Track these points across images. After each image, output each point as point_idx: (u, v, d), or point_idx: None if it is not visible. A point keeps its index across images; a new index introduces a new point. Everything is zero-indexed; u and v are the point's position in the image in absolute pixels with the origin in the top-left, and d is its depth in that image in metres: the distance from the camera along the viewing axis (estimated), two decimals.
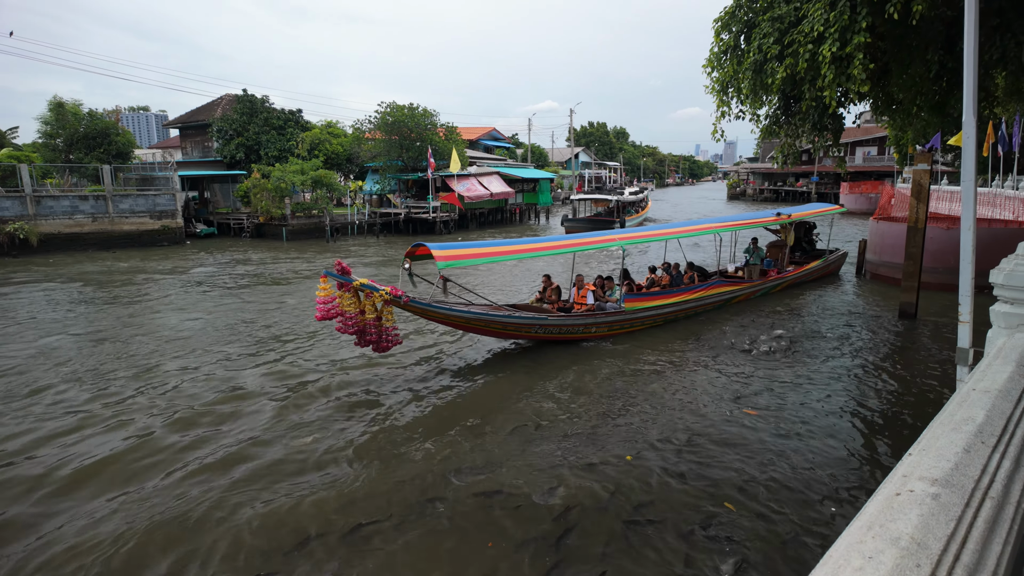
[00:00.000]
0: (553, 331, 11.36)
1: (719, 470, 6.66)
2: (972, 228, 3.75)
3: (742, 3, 9.27)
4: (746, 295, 15.18)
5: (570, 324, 11.48)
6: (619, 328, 12.22)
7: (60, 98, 31.70)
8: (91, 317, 14.44)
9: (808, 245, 19.92)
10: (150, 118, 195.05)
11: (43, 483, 6.63)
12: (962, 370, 3.98)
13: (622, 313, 12.19)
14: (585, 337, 11.79)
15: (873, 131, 55.92)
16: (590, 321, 11.72)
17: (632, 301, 12.54)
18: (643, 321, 12.59)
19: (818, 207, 20.46)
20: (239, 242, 31.27)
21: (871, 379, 9.71)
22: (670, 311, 13.06)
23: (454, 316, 10.12)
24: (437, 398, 9.08)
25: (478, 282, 18.53)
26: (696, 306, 13.71)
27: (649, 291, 13.49)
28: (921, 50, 8.95)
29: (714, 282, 14.49)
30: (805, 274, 17.37)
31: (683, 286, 13.87)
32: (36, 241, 25.28)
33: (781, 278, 16.40)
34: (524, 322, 10.93)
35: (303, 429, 7.89)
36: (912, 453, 2.15)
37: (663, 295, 13.29)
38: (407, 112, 37.93)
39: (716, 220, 17.69)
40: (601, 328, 11.92)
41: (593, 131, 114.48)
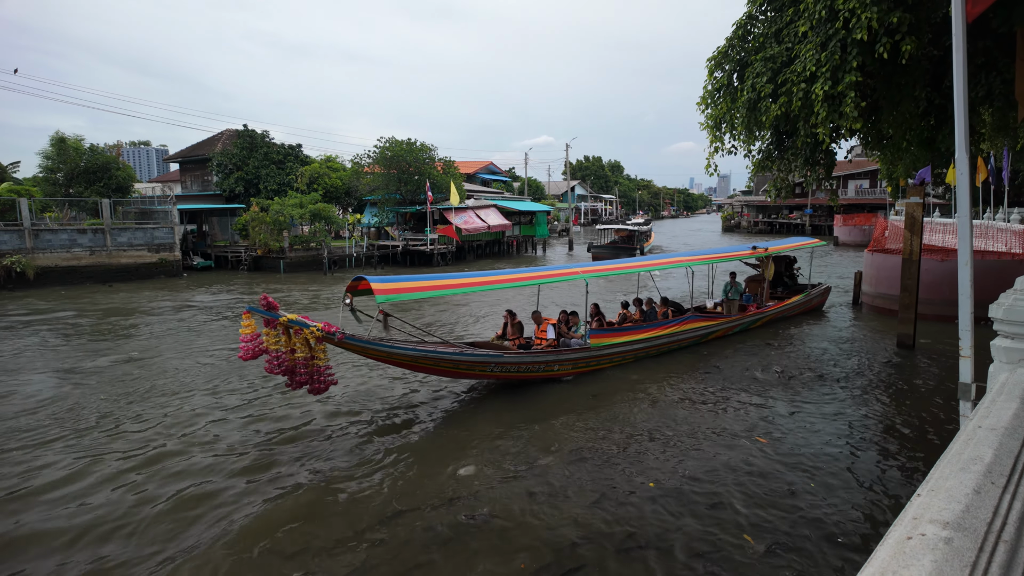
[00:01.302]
0: (511, 369, 10.54)
1: (731, 500, 6.54)
2: (969, 263, 3.77)
3: (735, 43, 9.52)
4: (723, 331, 14.61)
5: (529, 362, 10.70)
6: (584, 366, 11.52)
7: (63, 133, 32.11)
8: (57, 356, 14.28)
9: (790, 279, 19.41)
10: (151, 152, 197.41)
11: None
12: (965, 405, 3.95)
13: (587, 350, 11.49)
14: (547, 376, 11.08)
15: (865, 164, 56.82)
16: (552, 359, 10.97)
17: (598, 337, 11.82)
18: (611, 358, 11.93)
19: (797, 241, 19.97)
20: (236, 275, 31.27)
21: (873, 411, 9.64)
22: (640, 348, 12.44)
23: (397, 354, 9.28)
24: (389, 442, 8.46)
25: (446, 317, 18.23)
26: (668, 343, 13.07)
27: (617, 327, 12.88)
28: (909, 87, 9.16)
29: (688, 317, 13.77)
30: (786, 309, 16.85)
31: (655, 321, 13.23)
32: (33, 274, 25.24)
33: (760, 313, 15.85)
34: (478, 360, 10.10)
35: (202, 501, 6.97)
36: (921, 494, 2.11)
37: (632, 331, 12.59)
38: (406, 147, 38.49)
39: (689, 253, 17.09)
40: (565, 366, 11.22)
41: (589, 165, 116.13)
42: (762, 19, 9.49)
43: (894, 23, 7.00)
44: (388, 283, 9.43)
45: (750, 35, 9.49)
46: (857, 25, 7.09)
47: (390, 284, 9.43)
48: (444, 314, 18.83)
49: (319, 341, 8.18)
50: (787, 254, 19.11)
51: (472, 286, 10.81)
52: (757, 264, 17.70)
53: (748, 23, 9.52)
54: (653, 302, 14.15)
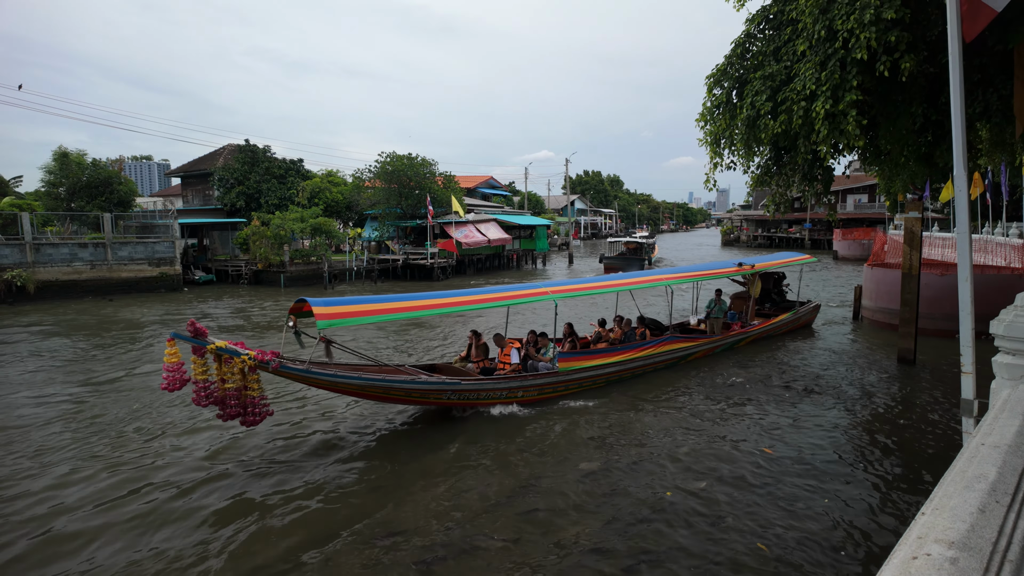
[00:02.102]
0: (470, 396, 9.89)
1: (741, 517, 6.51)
2: (969, 279, 3.79)
3: (733, 61, 9.62)
4: (704, 352, 13.87)
5: (490, 388, 10.01)
6: (551, 391, 10.84)
7: (65, 148, 32.30)
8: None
9: (778, 296, 18.80)
10: (153, 167, 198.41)
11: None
12: (967, 422, 3.95)
13: (555, 375, 10.82)
14: (511, 402, 10.37)
15: (862, 179, 57.12)
16: (515, 384, 10.30)
17: (567, 361, 11.12)
18: (580, 383, 11.22)
19: (786, 256, 19.36)
20: (237, 289, 31.29)
21: (874, 426, 9.61)
22: (613, 371, 11.76)
23: (342, 383, 8.67)
24: (334, 485, 7.67)
25: (413, 336, 17.56)
26: (644, 365, 12.38)
27: (586, 350, 12.12)
28: (906, 104, 9.24)
29: (667, 338, 13.13)
30: (773, 328, 16.20)
31: (633, 342, 12.56)
32: (33, 288, 25.25)
33: (744, 332, 15.19)
34: (432, 387, 9.47)
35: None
36: (925, 512, 2.11)
37: (603, 353, 11.86)
38: (406, 161, 38.72)
39: (671, 271, 16.33)
40: (530, 392, 10.52)
41: (588, 179, 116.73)
42: (760, 38, 9.60)
43: (892, 42, 7.09)
44: (331, 306, 8.74)
45: (748, 53, 9.60)
46: (856, 45, 7.18)
47: (333, 308, 8.73)
48: (409, 333, 18.09)
49: (252, 370, 7.65)
50: (775, 270, 18.52)
51: (425, 309, 9.98)
52: (743, 281, 17.29)
53: (747, 41, 9.63)
54: (631, 321, 13.58)
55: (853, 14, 7.17)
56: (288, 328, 8.80)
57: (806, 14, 7.92)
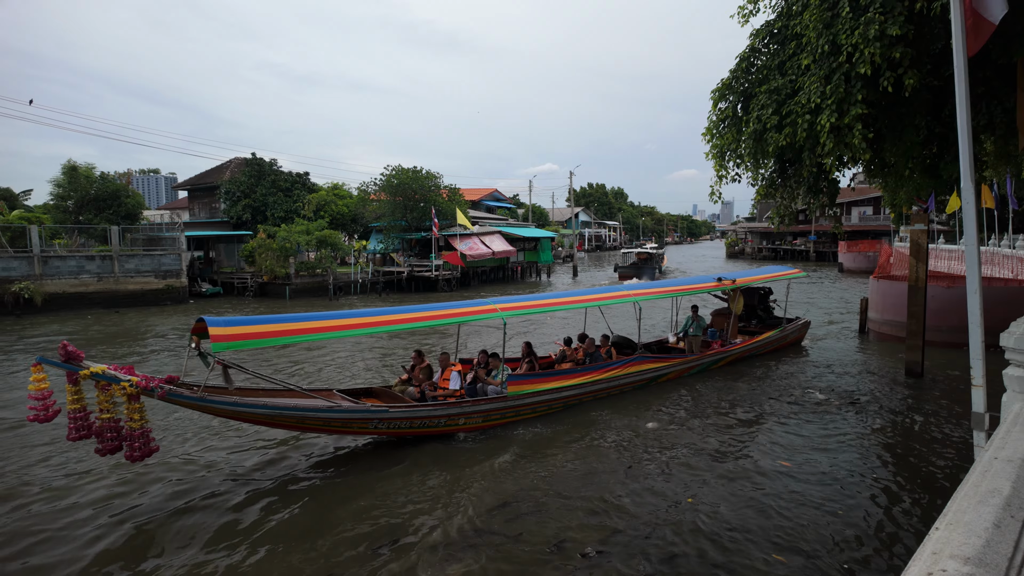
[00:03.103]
0: (400, 425, 8.94)
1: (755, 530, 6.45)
2: (978, 292, 3.78)
3: (738, 75, 9.70)
4: (677, 372, 12.87)
5: (425, 416, 9.03)
6: (499, 418, 9.87)
7: (74, 162, 32.67)
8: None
9: (764, 313, 17.73)
10: (160, 180, 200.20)
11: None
12: (979, 435, 3.92)
13: (503, 400, 9.83)
14: (451, 431, 9.46)
15: (867, 191, 57.11)
16: (455, 411, 9.32)
17: (517, 384, 10.13)
18: (534, 408, 10.27)
19: (773, 271, 18.49)
20: (242, 301, 31.40)
21: (884, 440, 9.54)
22: (572, 394, 10.84)
23: (245, 412, 7.76)
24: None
25: (348, 355, 16.08)
26: (609, 387, 11.45)
27: (540, 372, 11.09)
28: (910, 117, 9.29)
29: (635, 358, 12.13)
30: (757, 346, 15.12)
31: (599, 362, 11.68)
32: (40, 300, 25.41)
33: (724, 351, 14.12)
34: (355, 416, 8.49)
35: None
36: (939, 527, 2.10)
37: (559, 375, 10.94)
38: (411, 174, 38.97)
39: (641, 286, 15.01)
40: (473, 419, 9.56)
41: (592, 192, 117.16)
42: (765, 52, 9.68)
43: (896, 58, 7.14)
44: (230, 327, 7.79)
45: (753, 67, 9.68)
46: (860, 60, 7.23)
47: (232, 328, 7.75)
48: (342, 351, 16.49)
49: (134, 398, 6.79)
50: (760, 286, 17.61)
51: (342, 330, 8.90)
52: (725, 297, 16.42)
53: (751, 56, 9.71)
54: (595, 340, 12.63)
55: (857, 29, 7.23)
56: (191, 350, 7.68)
57: (810, 29, 7.99)
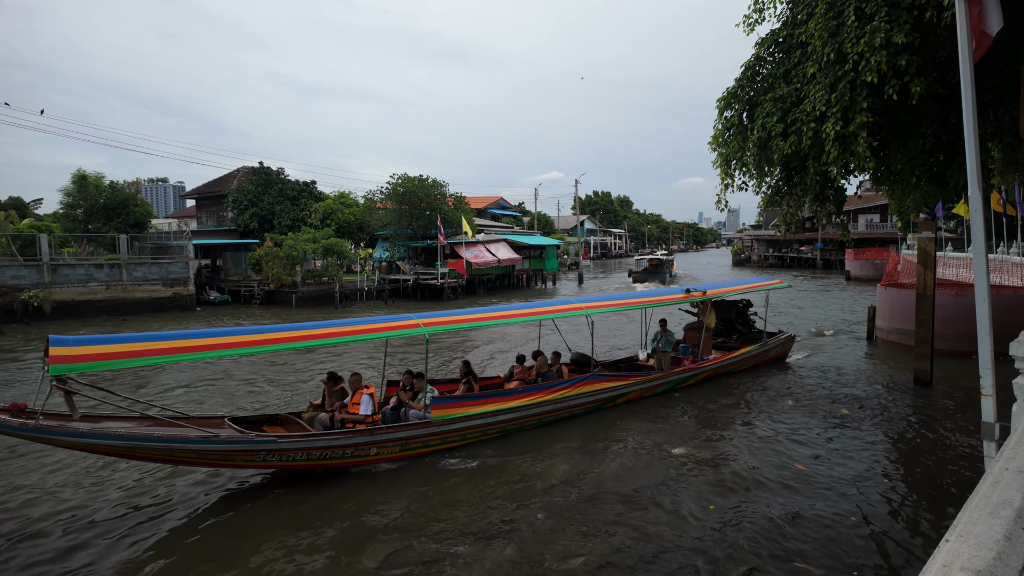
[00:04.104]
0: (297, 457, 7.90)
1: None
2: (987, 300, 3.76)
3: (744, 83, 9.73)
4: (639, 392, 11.93)
5: (325, 447, 8.01)
6: (419, 447, 8.87)
7: (84, 171, 32.96)
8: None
9: (743, 327, 16.74)
10: (168, 189, 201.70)
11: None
12: (989, 445, 3.88)
13: (425, 426, 8.82)
14: (361, 462, 8.46)
15: (874, 199, 56.91)
16: (364, 440, 8.31)
17: (442, 408, 9.09)
18: (463, 434, 9.26)
19: (750, 282, 17.32)
20: (249, 309, 31.52)
21: (894, 449, 9.46)
22: (510, 419, 9.75)
23: (96, 444, 6.74)
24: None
25: (262, 374, 14.79)
26: (556, 410, 10.46)
27: (469, 394, 10.01)
28: (916, 124, 9.28)
29: (589, 376, 11.11)
30: (733, 363, 14.11)
31: (548, 382, 10.72)
32: (49, 308, 25.58)
33: (694, 368, 13.09)
34: (236, 448, 7.42)
35: None
36: (949, 539, 2.08)
37: (492, 398, 9.80)
38: (417, 183, 39.14)
39: (596, 299, 13.84)
40: (388, 448, 8.58)
41: (598, 199, 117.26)
42: (770, 61, 9.70)
43: (902, 66, 7.14)
44: (77, 346, 6.78)
45: (759, 76, 9.70)
46: (866, 68, 7.23)
47: (78, 348, 6.73)
48: (268, 371, 15.31)
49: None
50: (738, 298, 16.59)
51: (220, 349, 7.78)
52: (694, 310, 15.38)
53: (756, 64, 9.73)
54: (546, 358, 11.57)
55: (863, 37, 7.23)
56: (44, 373, 6.67)
57: (815, 38, 8.01)
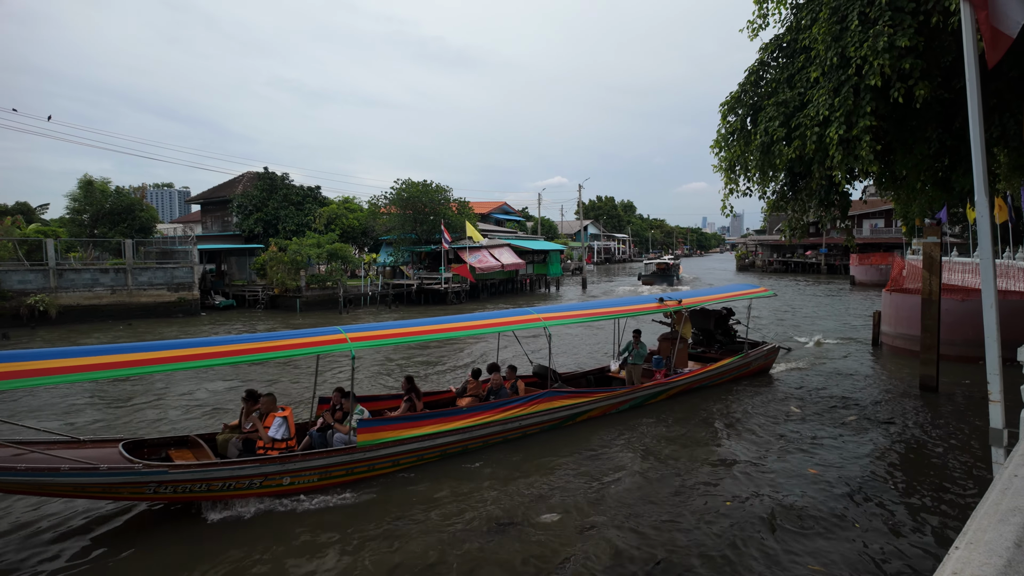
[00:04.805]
0: (194, 488, 6.98)
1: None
2: (994, 305, 3.73)
3: (747, 88, 9.73)
4: (603, 408, 11.10)
5: (227, 477, 7.11)
6: (344, 474, 7.97)
7: (90, 176, 33.20)
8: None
9: (724, 337, 15.71)
10: (173, 194, 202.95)
11: None
12: (997, 452, 3.84)
13: (349, 451, 7.95)
14: (274, 493, 7.54)
15: (879, 204, 56.74)
16: (274, 469, 7.41)
17: (370, 431, 8.17)
18: (395, 460, 8.36)
19: (731, 290, 16.20)
20: (253, 313, 31.58)
21: (900, 456, 9.39)
22: (451, 441, 8.89)
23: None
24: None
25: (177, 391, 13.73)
26: (505, 430, 9.52)
27: (401, 416, 8.97)
28: (921, 129, 9.26)
29: (545, 393, 10.25)
30: (710, 376, 13.20)
31: (501, 399, 9.87)
32: (55, 313, 25.70)
33: (666, 383, 12.17)
34: (121, 480, 6.57)
35: None
36: (959, 547, 2.06)
37: (427, 419, 8.82)
38: (421, 188, 39.25)
39: (554, 309, 12.53)
40: (304, 477, 7.65)
41: (601, 204, 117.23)
42: (774, 65, 9.70)
43: (906, 69, 7.12)
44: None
45: (762, 80, 9.70)
46: (870, 72, 7.22)
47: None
48: (202, 388, 14.25)
49: None
50: (719, 306, 15.70)
51: (107, 369, 6.72)
52: (669, 320, 14.30)
53: (760, 69, 9.73)
54: (501, 371, 10.81)
55: (867, 41, 7.23)
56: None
57: (819, 42, 8.00)
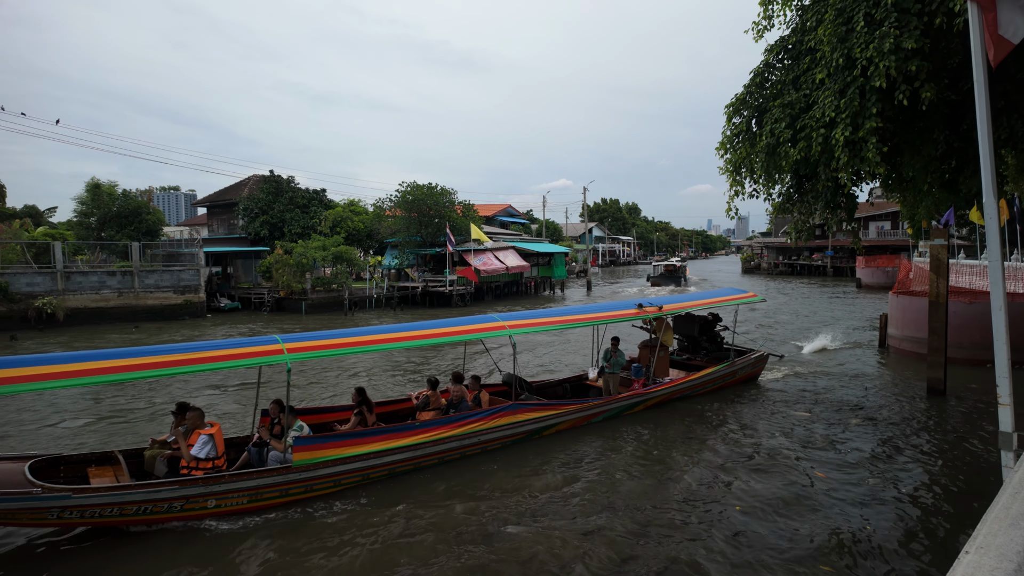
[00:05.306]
0: (105, 512, 6.45)
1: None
2: (1003, 308, 3.70)
3: (752, 90, 9.70)
4: (573, 421, 10.35)
5: (142, 500, 6.50)
6: (278, 496, 7.32)
7: (98, 179, 33.41)
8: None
9: (710, 343, 14.93)
10: (180, 197, 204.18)
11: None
12: (1007, 455, 3.81)
13: (283, 471, 7.30)
14: (196, 516, 6.91)
15: (885, 206, 56.52)
16: (197, 491, 6.78)
17: (306, 450, 7.45)
18: (337, 480, 7.68)
19: (722, 295, 15.39)
20: (258, 316, 31.69)
21: (908, 460, 9.32)
22: (400, 459, 8.16)
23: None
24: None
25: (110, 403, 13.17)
26: (462, 447, 8.83)
27: (343, 432, 8.28)
28: (928, 131, 9.21)
29: (508, 406, 9.50)
30: (691, 386, 12.41)
31: (457, 414, 9.12)
32: (62, 315, 25.86)
33: (644, 393, 11.49)
34: (17, 506, 6.07)
35: None
36: (969, 551, 2.04)
37: (380, 436, 8.15)
38: (426, 191, 39.34)
39: (527, 316, 11.54)
40: (231, 500, 7.03)
41: (606, 207, 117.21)
42: (779, 67, 9.68)
43: (912, 71, 7.10)
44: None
45: (768, 82, 9.67)
46: (875, 73, 7.19)
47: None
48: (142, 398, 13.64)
49: None
50: (704, 312, 15.04)
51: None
52: (649, 327, 13.41)
53: (765, 71, 9.71)
54: (466, 380, 10.14)
55: (872, 43, 7.20)
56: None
57: (825, 43, 7.98)
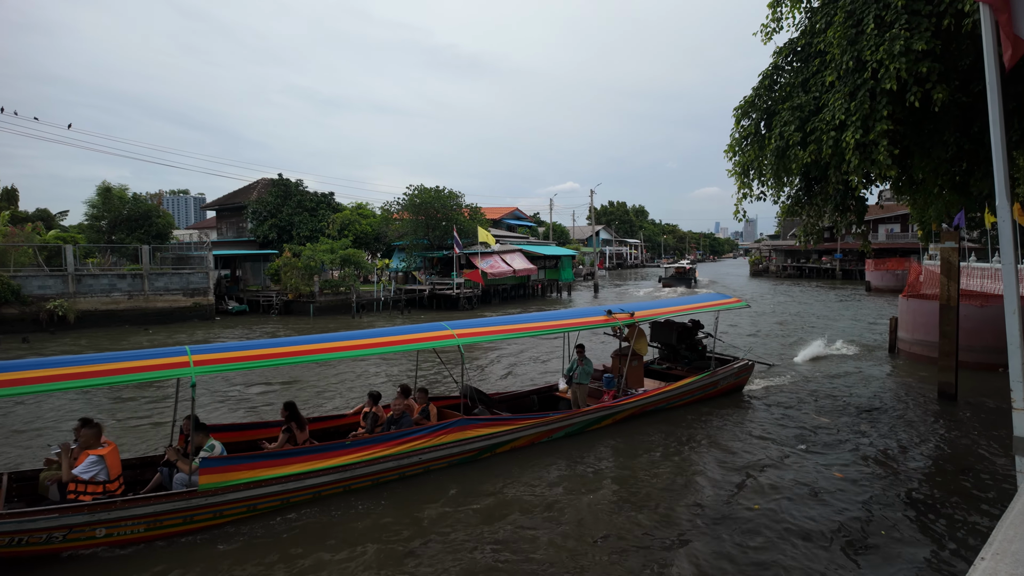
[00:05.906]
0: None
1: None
2: (1017, 311, 3.67)
3: (761, 92, 9.68)
4: (531, 437, 9.53)
5: (16, 531, 5.90)
6: (181, 523, 6.62)
7: (108, 183, 33.68)
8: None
9: (690, 352, 14.02)
10: (189, 200, 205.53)
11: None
12: (1021, 461, 3.78)
13: (187, 496, 6.58)
14: (84, 546, 6.25)
15: (894, 209, 56.15)
16: (83, 520, 6.12)
17: (214, 472, 6.78)
18: (250, 505, 7.02)
19: (702, 300, 14.52)
20: (267, 319, 31.83)
21: (921, 467, 9.24)
22: (325, 482, 7.48)
23: None
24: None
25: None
26: (400, 467, 8.12)
27: (259, 453, 7.51)
28: (939, 133, 9.15)
29: (455, 422, 8.71)
30: (666, 397, 11.60)
31: (398, 431, 8.36)
32: (73, 318, 26.09)
33: (613, 406, 10.68)
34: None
35: None
36: (985, 558, 2.02)
37: (302, 456, 7.44)
38: (434, 194, 39.46)
39: (479, 324, 10.28)
40: (125, 528, 6.35)
41: (613, 210, 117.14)
42: (788, 69, 9.65)
43: (923, 73, 7.06)
44: None
45: (776, 85, 9.65)
46: (886, 75, 7.16)
47: None
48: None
49: None
50: (684, 319, 14.03)
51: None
52: (621, 334, 12.32)
53: (774, 73, 9.69)
54: (413, 394, 9.56)
55: (883, 45, 7.17)
56: None
57: (834, 46, 7.95)
